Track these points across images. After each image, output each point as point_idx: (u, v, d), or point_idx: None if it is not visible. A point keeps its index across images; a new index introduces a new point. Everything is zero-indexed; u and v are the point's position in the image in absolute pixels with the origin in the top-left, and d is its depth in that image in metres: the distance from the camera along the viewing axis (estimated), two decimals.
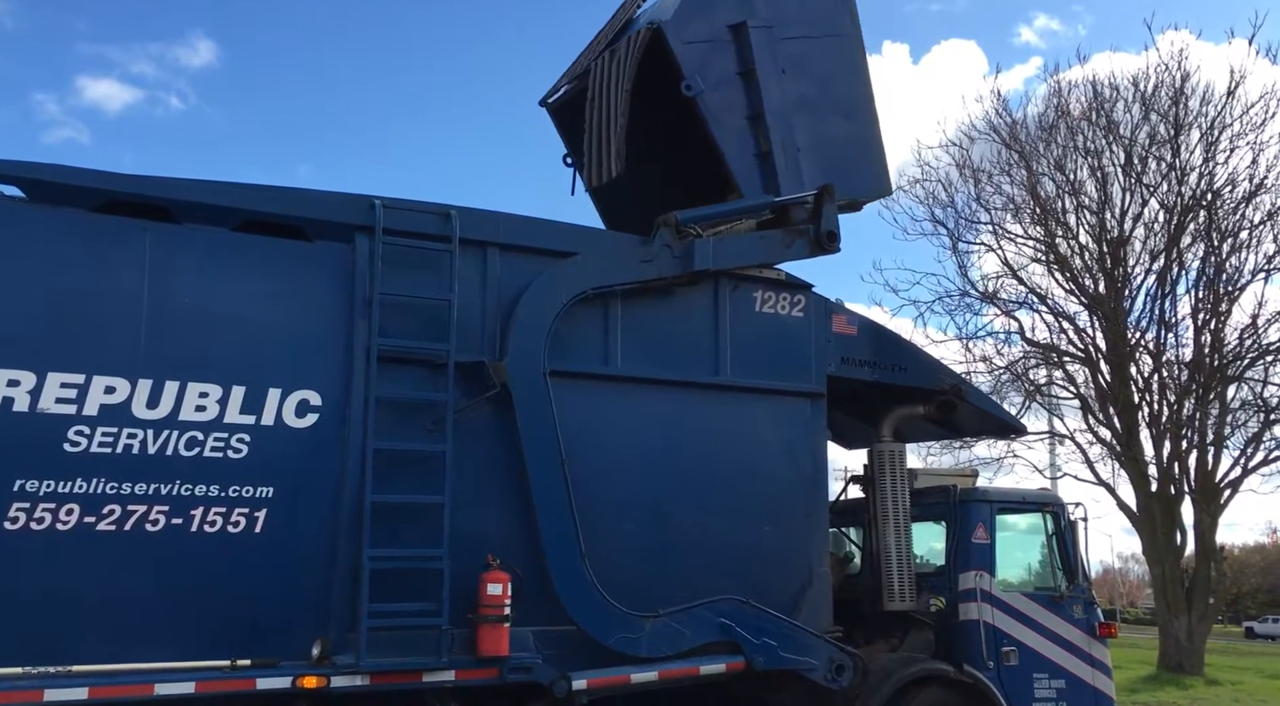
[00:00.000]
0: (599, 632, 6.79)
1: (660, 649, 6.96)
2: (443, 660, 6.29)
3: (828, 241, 7.98)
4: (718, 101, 7.97)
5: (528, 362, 6.85)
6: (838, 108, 8.69)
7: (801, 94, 8.42)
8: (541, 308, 6.97)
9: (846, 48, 8.91)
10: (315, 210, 6.56)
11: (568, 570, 6.75)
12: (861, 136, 8.79)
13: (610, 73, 8.00)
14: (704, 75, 7.87)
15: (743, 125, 8.11)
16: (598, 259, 7.29)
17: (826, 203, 7.94)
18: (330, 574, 6.20)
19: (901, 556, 8.64)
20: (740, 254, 7.81)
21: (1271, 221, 23.54)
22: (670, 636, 7.01)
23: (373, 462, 6.29)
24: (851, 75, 8.90)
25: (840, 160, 8.40)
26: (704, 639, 7.12)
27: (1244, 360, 23.46)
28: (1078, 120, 24.63)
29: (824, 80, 8.64)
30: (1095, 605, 9.47)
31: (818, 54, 8.64)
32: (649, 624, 6.93)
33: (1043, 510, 9.46)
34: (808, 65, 8.53)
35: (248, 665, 5.91)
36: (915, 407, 8.94)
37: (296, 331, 6.38)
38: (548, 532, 6.76)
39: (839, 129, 8.65)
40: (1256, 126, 23.35)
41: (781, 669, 7.40)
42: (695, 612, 7.13)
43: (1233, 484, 24.38)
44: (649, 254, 7.42)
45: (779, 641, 7.38)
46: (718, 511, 7.45)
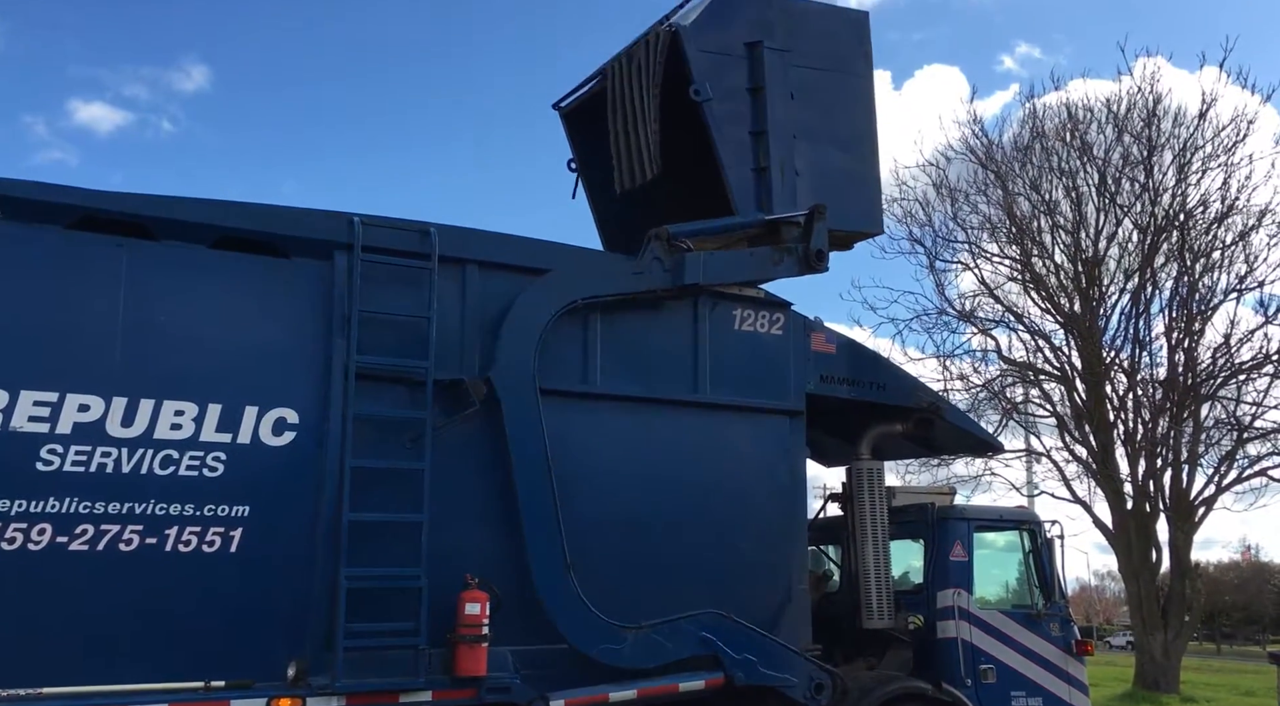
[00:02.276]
0: (583, 643, 6.78)
1: (642, 660, 6.94)
2: (420, 680, 6.24)
3: (816, 260, 8.06)
4: (723, 112, 8.06)
5: (516, 373, 6.85)
6: (839, 141, 8.81)
7: (806, 121, 8.54)
8: (530, 319, 6.97)
9: (856, 86, 9.09)
10: (293, 227, 6.53)
11: (553, 581, 6.74)
12: (859, 172, 8.89)
13: (631, 74, 8.11)
14: (714, 84, 7.97)
15: (744, 138, 8.19)
16: (587, 270, 7.35)
17: (818, 221, 8.03)
18: (306, 593, 6.14)
19: (880, 574, 8.65)
20: (730, 269, 7.86)
21: (1243, 242, 23.86)
22: (652, 648, 6.99)
23: (350, 481, 6.25)
24: (857, 112, 9.06)
25: (835, 191, 8.44)
26: (685, 652, 7.11)
27: (1217, 379, 23.71)
28: (1052, 141, 24.93)
29: (830, 112, 8.77)
30: (1072, 623, 9.52)
31: (827, 86, 8.80)
32: (631, 635, 6.92)
33: (1020, 528, 9.52)
34: (816, 95, 8.68)
35: (222, 686, 5.85)
36: (893, 425, 8.98)
37: (274, 349, 6.35)
38: (533, 543, 6.74)
39: (838, 161, 8.74)
40: (1228, 148, 23.71)
41: (760, 685, 7.38)
42: (677, 625, 7.12)
43: (1207, 501, 24.58)
44: (640, 266, 7.48)
45: (759, 657, 7.37)
46: (696, 529, 7.44)
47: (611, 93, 8.33)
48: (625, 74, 8.23)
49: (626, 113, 8.14)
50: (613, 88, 8.34)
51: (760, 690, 7.47)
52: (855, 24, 9.37)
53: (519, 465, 6.78)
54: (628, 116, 8.12)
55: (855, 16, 9.46)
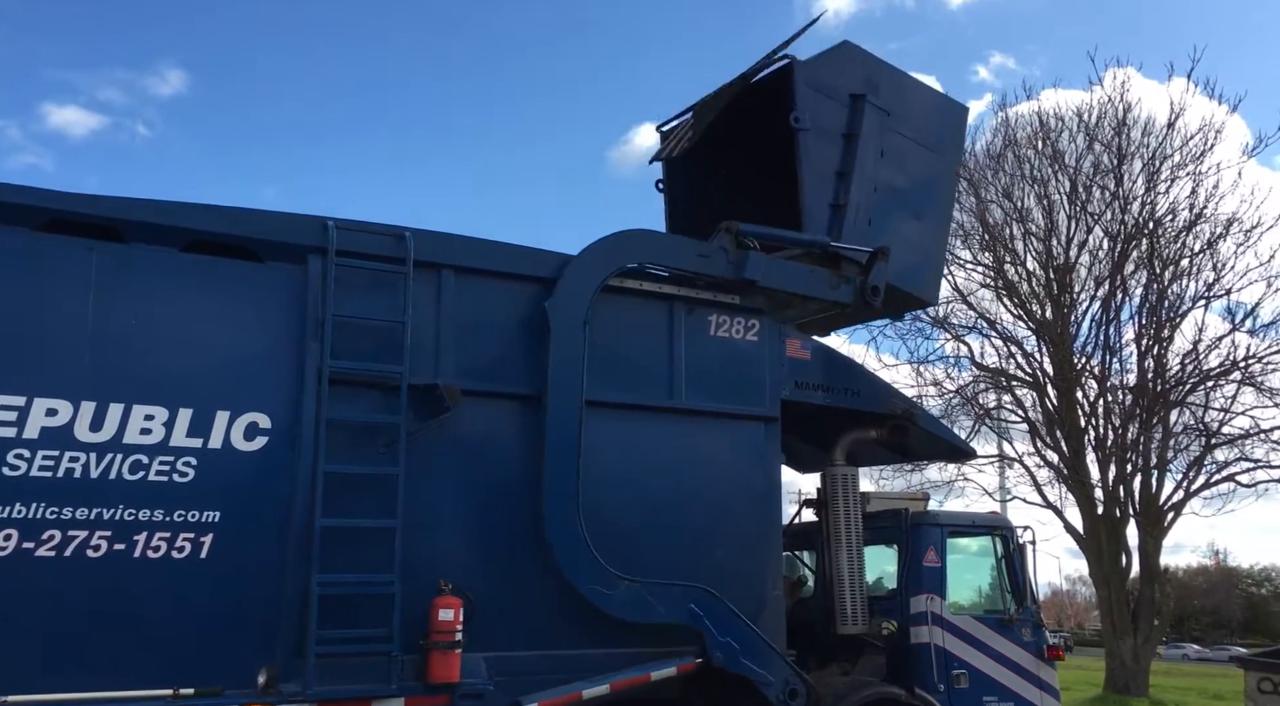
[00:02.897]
0: (579, 580, 6.84)
1: (628, 612, 6.98)
2: (392, 687, 6.20)
3: (871, 295, 8.36)
4: (816, 145, 8.50)
5: (571, 308, 7.11)
6: (914, 210, 9.23)
7: (888, 180, 8.96)
8: (593, 266, 7.29)
9: (942, 167, 9.69)
10: (266, 231, 6.49)
11: (561, 510, 6.83)
12: (926, 243, 9.33)
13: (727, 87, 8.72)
14: (812, 119, 8.45)
15: (829, 175, 8.61)
16: (654, 241, 7.76)
17: (879, 262, 8.34)
18: (278, 600, 6.09)
19: (854, 580, 8.68)
20: (788, 278, 8.14)
21: (1211, 250, 24.18)
22: (640, 604, 7.04)
23: (323, 486, 6.20)
24: (938, 191, 9.63)
25: (901, 251, 8.72)
26: (672, 617, 7.14)
27: (1186, 385, 23.98)
28: (1024, 149, 25.18)
29: (912, 181, 9.22)
30: (1044, 627, 9.58)
31: (916, 158, 9.28)
32: (624, 586, 6.97)
33: (992, 533, 9.58)
34: (904, 162, 9.13)
35: (190, 694, 5.76)
36: (867, 431, 9.02)
37: (246, 353, 6.30)
38: (551, 469, 6.85)
39: (909, 226, 9.12)
40: (1196, 157, 24.04)
41: (737, 673, 7.36)
42: (670, 590, 7.17)
43: (1175, 507, 24.85)
44: (706, 250, 7.77)
45: (741, 645, 7.39)
46: (672, 534, 7.44)
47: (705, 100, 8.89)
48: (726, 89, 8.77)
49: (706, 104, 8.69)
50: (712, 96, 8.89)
51: (735, 693, 7.47)
52: (956, 113, 10.17)
53: (554, 390, 6.94)
54: (705, 106, 8.68)
55: (957, 108, 10.16)
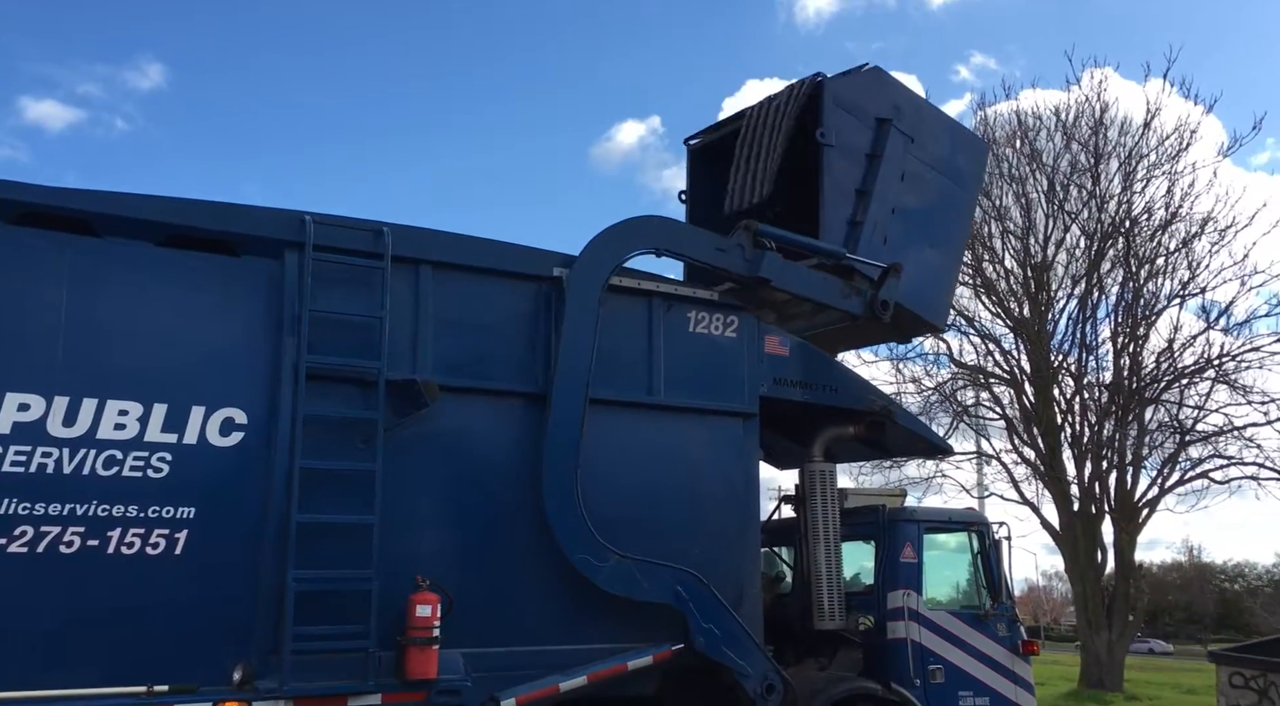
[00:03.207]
0: (568, 543, 6.90)
1: (614, 585, 7.01)
2: (369, 683, 6.18)
3: (881, 308, 8.56)
4: (839, 162, 8.76)
5: (587, 279, 7.27)
6: (930, 235, 9.42)
7: (907, 204, 9.19)
8: (614, 244, 7.48)
9: (960, 198, 9.99)
10: (243, 225, 6.45)
11: (560, 475, 6.92)
12: (938, 269, 9.58)
13: (769, 114, 8.92)
14: (838, 138, 8.74)
15: (849, 192, 8.85)
16: (675, 228, 8.06)
17: (892, 277, 8.56)
18: (253, 596, 6.06)
19: (831, 575, 8.71)
20: (801, 282, 8.31)
21: (1186, 249, 24.41)
22: (628, 580, 7.09)
23: (300, 482, 6.17)
24: (954, 220, 9.90)
25: (913, 273, 8.91)
26: (656, 597, 7.18)
27: (1160, 383, 24.22)
28: (1003, 148, 25.33)
29: (930, 208, 9.44)
30: (1019, 622, 9.65)
31: (936, 186, 9.54)
32: (614, 559, 7.03)
33: (969, 529, 9.64)
34: (923, 189, 9.38)
35: (165, 691, 5.73)
36: (846, 428, 9.05)
37: (222, 348, 6.26)
38: (554, 433, 6.94)
39: (923, 250, 9.32)
40: (1171, 157, 24.28)
41: (717, 661, 7.39)
42: (658, 570, 7.21)
43: (1150, 503, 25.09)
44: (724, 245, 7.96)
45: (723, 633, 7.43)
46: (650, 530, 7.44)
47: (745, 129, 9.09)
48: (764, 114, 8.97)
49: (754, 143, 8.89)
50: (748, 126, 9.08)
51: (712, 685, 7.48)
52: (977, 148, 10.65)
53: (565, 354, 7.06)
54: (754, 146, 8.87)
55: (979, 143, 10.71)
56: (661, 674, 7.35)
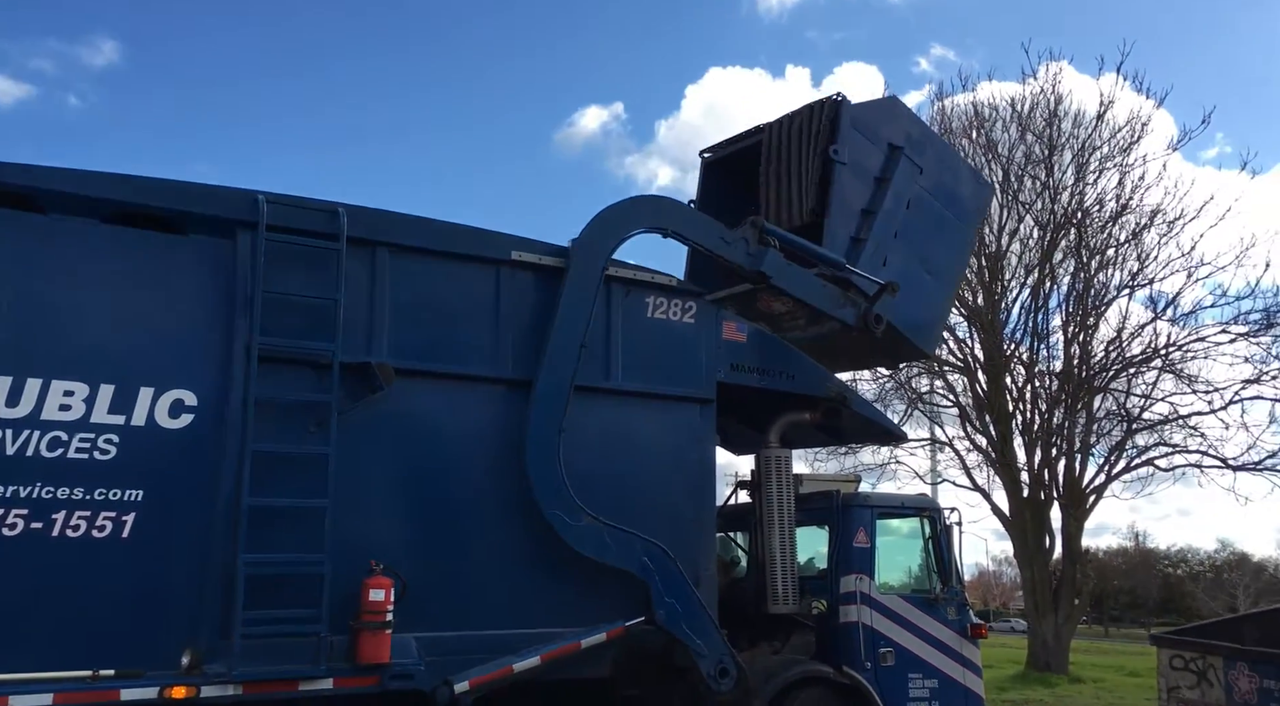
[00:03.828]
0: (544, 497, 7.00)
1: (584, 546, 7.10)
2: (320, 668, 6.13)
3: (874, 322, 8.75)
4: (848, 180, 9.05)
5: (591, 252, 7.50)
6: (929, 264, 9.61)
7: (909, 231, 9.42)
8: (622, 220, 7.75)
9: (962, 233, 10.32)
10: (193, 203, 6.33)
11: (545, 428, 7.05)
12: (934, 297, 9.84)
13: (792, 134, 9.23)
14: (850, 156, 9.04)
15: (855, 210, 9.11)
16: (686, 214, 8.30)
17: (887, 294, 8.75)
18: (202, 580, 5.99)
19: (786, 560, 8.78)
20: (798, 283, 8.49)
21: (1135, 241, 24.84)
22: (598, 542, 7.18)
23: (251, 465, 6.10)
24: (954, 254, 10.19)
25: (909, 297, 9.09)
26: (622, 563, 7.25)
27: (1109, 372, 24.66)
28: (959, 138, 25.56)
29: (931, 238, 9.66)
30: (968, 607, 9.80)
31: (939, 218, 9.78)
32: (587, 520, 7.11)
33: (921, 515, 9.76)
34: (926, 219, 9.63)
35: (111, 675, 5.65)
36: (802, 414, 9.11)
37: (171, 329, 6.16)
38: (542, 391, 7.10)
39: (921, 278, 9.50)
40: (1123, 149, 24.65)
41: (674, 636, 7.43)
42: (628, 538, 7.28)
43: (1097, 490, 25.58)
44: (729, 237, 8.19)
45: (684, 610, 7.49)
46: (607, 515, 7.43)
47: (767, 147, 9.37)
48: (785, 133, 9.28)
49: (782, 164, 9.17)
50: (769, 143, 9.36)
51: (666, 667, 7.52)
52: (983, 188, 11.06)
53: (560, 324, 7.22)
54: (782, 167, 9.16)
55: (985, 185, 10.99)
56: (615, 657, 7.37)
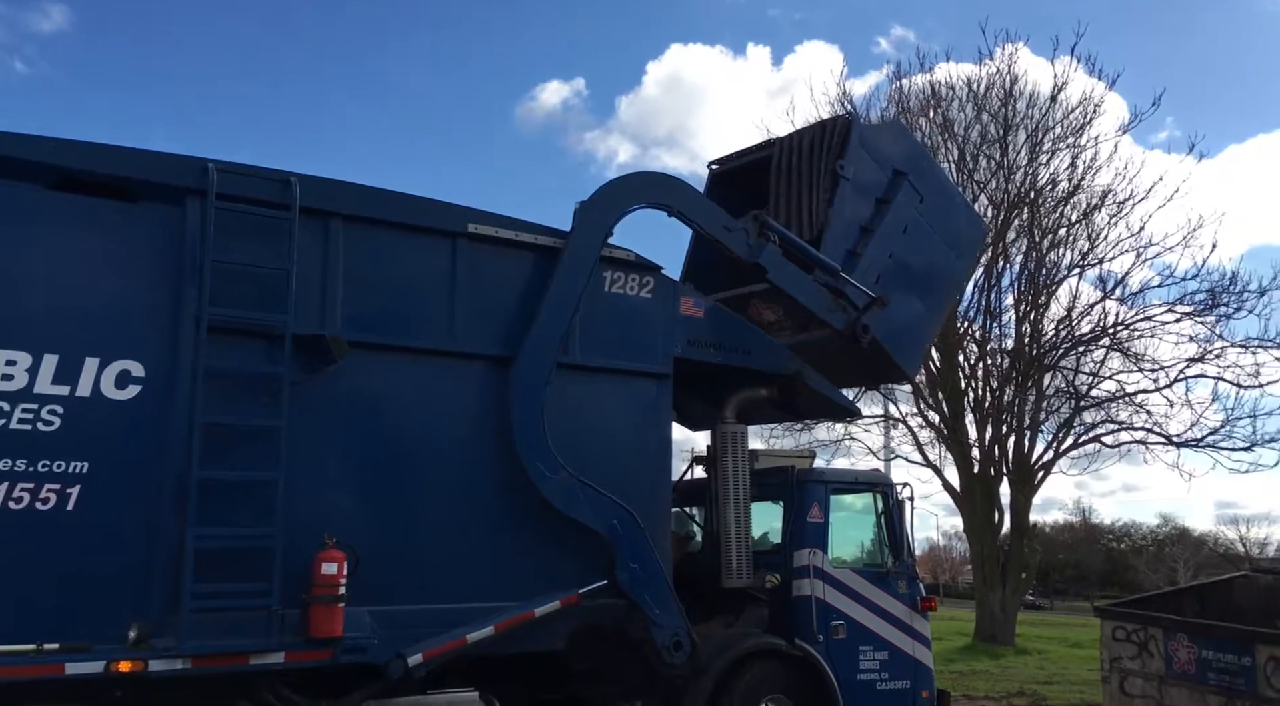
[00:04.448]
0: (527, 454, 7.09)
1: (558, 498, 7.19)
2: (272, 641, 6.08)
3: (861, 331, 8.90)
4: (851, 196, 9.28)
5: (591, 226, 7.67)
6: (919, 290, 9.81)
7: (904, 256, 9.60)
8: (624, 195, 7.92)
9: (955, 267, 10.59)
10: (141, 170, 6.18)
11: (531, 377, 7.18)
12: (921, 321, 10.04)
13: (803, 150, 9.48)
14: (855, 173, 9.27)
15: (854, 226, 9.34)
16: (694, 197, 8.46)
17: (876, 307, 8.93)
18: (150, 553, 5.89)
19: (741, 535, 8.84)
20: (794, 281, 8.67)
21: (1086, 221, 25.22)
22: (571, 497, 7.25)
23: (201, 437, 6.00)
24: (947, 283, 10.44)
25: (896, 319, 9.27)
26: (592, 522, 7.33)
27: (1059, 350, 25.07)
28: (916, 116, 25.71)
29: (924, 266, 9.84)
30: (918, 580, 9.94)
31: (934, 248, 10.01)
32: (564, 475, 7.21)
33: (874, 490, 9.85)
34: (922, 246, 9.84)
35: (55, 649, 5.55)
36: (758, 390, 9.14)
37: (118, 298, 6.02)
38: (535, 339, 7.22)
39: (911, 301, 9.65)
40: (1075, 130, 24.98)
41: (633, 601, 7.49)
42: (600, 497, 7.38)
43: (1046, 466, 26.06)
44: (731, 225, 8.35)
45: (646, 577, 7.55)
46: None
47: (778, 162, 9.60)
48: (796, 148, 9.53)
49: (792, 179, 9.40)
50: (779, 158, 9.61)
51: (620, 639, 7.56)
52: (979, 226, 11.50)
53: (553, 293, 7.33)
54: (792, 182, 9.39)
55: (981, 223, 11.45)
56: (570, 631, 7.38)
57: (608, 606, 7.51)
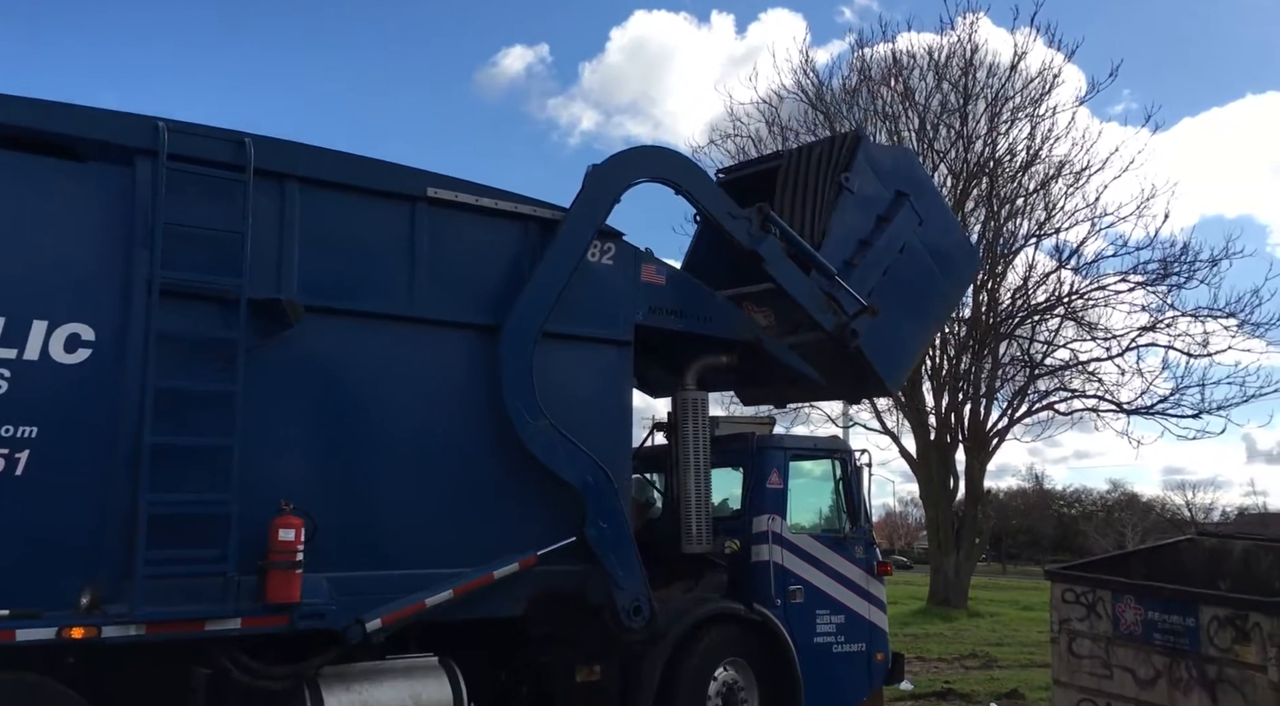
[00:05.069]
0: (510, 389, 7.19)
1: (536, 446, 7.26)
2: (228, 608, 6.03)
3: (850, 335, 9.03)
4: (852, 209, 9.49)
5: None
6: (909, 309, 9.92)
7: (898, 274, 9.74)
8: (629, 167, 8.12)
9: (946, 292, 10.85)
10: (89, 128, 6.01)
11: (526, 323, 7.28)
12: (907, 340, 10.20)
13: (810, 163, 9.74)
14: (859, 188, 9.50)
15: (853, 238, 9.51)
16: (704, 178, 8.77)
17: (866, 315, 9.08)
18: (103, 519, 5.79)
19: (700, 501, 8.89)
20: (789, 277, 8.81)
21: (1043, 191, 25.47)
22: (549, 447, 7.33)
23: (154, 403, 5.90)
24: (934, 308, 10.69)
25: (884, 332, 9.38)
26: (567, 475, 7.39)
27: (1015, 319, 25.40)
28: (878, 84, 25.76)
29: (916, 287, 9.99)
30: (875, 545, 10.08)
31: (928, 271, 10.16)
32: (545, 423, 7.29)
33: (832, 456, 9.95)
34: (916, 268, 10.00)
35: (5, 615, 5.46)
36: (718, 357, 9.18)
37: (66, 260, 5.87)
38: (534, 288, 7.35)
39: (900, 319, 9.73)
40: (1034, 101, 25.16)
41: (597, 559, 7.52)
42: (577, 450, 7.46)
43: (1000, 433, 26.47)
44: (736, 212, 8.53)
45: (614, 538, 7.59)
46: (525, 456, 7.43)
47: (785, 173, 9.87)
48: (804, 161, 9.82)
49: (798, 190, 9.65)
50: (787, 170, 9.89)
51: (581, 605, 7.60)
52: (973, 257, 12.04)
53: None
54: (798, 194, 9.63)
55: (975, 255, 12.04)
56: (529, 597, 7.39)
57: (566, 572, 7.53)
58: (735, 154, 27.10)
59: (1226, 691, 7.92)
